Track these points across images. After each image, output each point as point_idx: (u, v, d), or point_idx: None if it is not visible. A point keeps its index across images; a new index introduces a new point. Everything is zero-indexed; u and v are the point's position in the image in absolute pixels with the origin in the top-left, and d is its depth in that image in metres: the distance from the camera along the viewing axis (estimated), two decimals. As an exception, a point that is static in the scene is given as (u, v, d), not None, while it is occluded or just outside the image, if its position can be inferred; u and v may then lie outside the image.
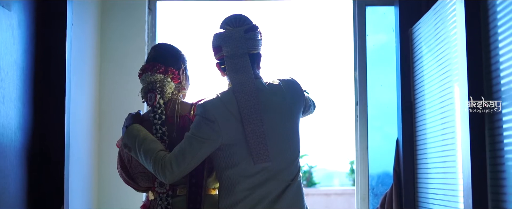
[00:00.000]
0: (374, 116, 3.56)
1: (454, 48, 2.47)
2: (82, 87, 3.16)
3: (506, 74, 2.07)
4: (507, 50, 2.06)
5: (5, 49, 2.17)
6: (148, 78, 2.25)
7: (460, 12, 2.33)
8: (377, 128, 3.57)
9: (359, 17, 3.54)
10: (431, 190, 2.90)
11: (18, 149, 2.31)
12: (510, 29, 2.03)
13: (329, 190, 8.20)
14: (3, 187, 2.16)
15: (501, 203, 2.10)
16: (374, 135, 3.55)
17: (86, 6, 3.26)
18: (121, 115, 2.61)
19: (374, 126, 3.56)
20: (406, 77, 3.24)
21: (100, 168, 3.45)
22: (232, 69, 2.13)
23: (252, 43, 2.15)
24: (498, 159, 2.13)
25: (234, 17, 2.19)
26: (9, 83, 2.22)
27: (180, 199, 2.22)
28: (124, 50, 3.52)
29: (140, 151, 2.12)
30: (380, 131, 3.58)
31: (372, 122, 3.55)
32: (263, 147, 2.07)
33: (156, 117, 2.22)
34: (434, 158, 2.84)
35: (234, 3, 3.78)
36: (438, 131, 2.75)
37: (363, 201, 3.48)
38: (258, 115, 2.07)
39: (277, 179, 2.10)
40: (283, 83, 2.22)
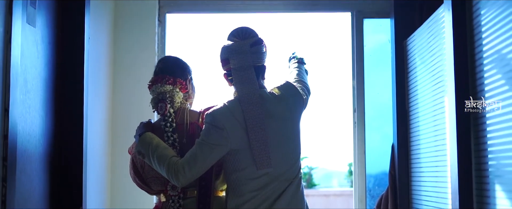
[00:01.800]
0: (371, 122, 3.64)
1: (445, 58, 2.59)
2: (97, 95, 3.24)
3: (490, 82, 2.20)
4: (491, 59, 2.19)
5: (31, 62, 2.30)
6: (158, 89, 2.32)
7: (448, 25, 2.45)
8: (374, 134, 3.65)
9: (357, 29, 3.63)
10: (424, 192, 3.00)
11: (42, 154, 2.42)
12: (494, 41, 2.16)
13: (328, 191, 8.24)
14: (30, 188, 2.28)
15: (485, 205, 2.23)
16: (371, 140, 3.64)
17: (101, 20, 3.35)
18: (133, 122, 2.69)
19: (371, 132, 3.64)
20: (401, 86, 3.33)
21: (113, 172, 3.50)
22: (238, 81, 2.20)
23: (258, 56, 2.22)
24: (482, 165, 2.27)
25: (241, 30, 2.25)
26: (34, 94, 2.34)
27: (191, 201, 2.29)
28: (135, 60, 3.58)
29: (153, 158, 2.19)
30: (377, 136, 3.66)
31: (369, 128, 3.63)
32: (265, 154, 2.14)
33: (167, 125, 2.29)
34: (427, 162, 2.95)
35: (238, 15, 3.86)
36: (431, 137, 2.87)
37: (360, 202, 3.57)
38: (262, 124, 2.14)
39: (279, 180, 2.17)
40: (283, 90, 2.28)
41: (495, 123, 2.16)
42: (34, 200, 2.35)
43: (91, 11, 2.89)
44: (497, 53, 2.14)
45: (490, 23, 2.18)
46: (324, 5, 3.70)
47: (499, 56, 2.12)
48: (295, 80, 2.45)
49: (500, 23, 2.10)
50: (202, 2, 3.71)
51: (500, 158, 2.13)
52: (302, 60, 2.61)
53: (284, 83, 2.32)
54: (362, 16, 3.65)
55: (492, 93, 2.18)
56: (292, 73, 2.55)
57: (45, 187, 2.46)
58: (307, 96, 2.37)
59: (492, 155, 2.18)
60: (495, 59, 2.16)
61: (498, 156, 2.15)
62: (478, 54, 2.29)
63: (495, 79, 2.15)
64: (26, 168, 2.23)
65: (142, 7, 3.60)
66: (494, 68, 2.16)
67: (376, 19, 3.67)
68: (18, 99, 2.06)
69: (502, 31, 2.09)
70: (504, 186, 2.10)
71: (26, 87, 2.22)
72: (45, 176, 2.46)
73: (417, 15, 3.29)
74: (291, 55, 2.67)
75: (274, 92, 2.26)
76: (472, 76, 2.35)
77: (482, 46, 2.25)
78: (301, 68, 2.58)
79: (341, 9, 3.70)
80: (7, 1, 1.99)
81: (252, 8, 3.72)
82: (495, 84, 2.15)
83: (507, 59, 2.06)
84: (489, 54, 2.20)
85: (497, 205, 2.14)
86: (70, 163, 2.66)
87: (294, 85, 2.33)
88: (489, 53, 2.20)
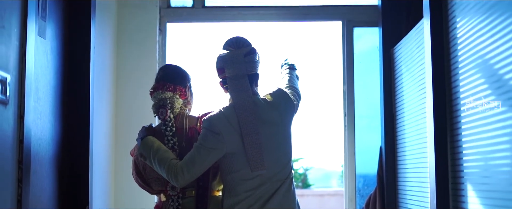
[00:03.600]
0: (360, 126, 3.73)
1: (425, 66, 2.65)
2: (102, 101, 3.30)
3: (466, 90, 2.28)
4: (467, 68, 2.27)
5: (42, 72, 2.40)
6: (159, 96, 2.38)
7: (427, 35, 2.54)
8: (364, 136, 3.74)
9: (348, 37, 3.73)
10: (409, 191, 3.11)
11: (51, 157, 2.53)
12: (469, 51, 2.24)
13: (323, 191, 8.21)
14: (41, 188, 2.39)
15: (460, 203, 2.34)
16: (361, 142, 3.72)
17: (105, 29, 3.41)
18: (135, 125, 2.76)
19: (361, 135, 3.72)
20: (389, 91, 3.43)
21: (116, 173, 3.54)
22: (233, 89, 2.28)
23: (251, 65, 2.29)
24: (457, 167, 2.37)
25: (235, 40, 2.31)
26: (45, 101, 2.44)
27: (189, 200, 2.35)
28: (137, 68, 3.63)
29: (154, 160, 2.26)
30: (366, 139, 3.74)
31: (359, 131, 3.72)
32: (259, 157, 2.22)
33: (167, 129, 2.36)
34: (411, 163, 3.05)
35: (234, 24, 3.96)
36: (414, 140, 2.97)
37: (350, 202, 3.67)
38: (255, 129, 2.22)
39: (271, 181, 2.25)
40: (275, 97, 2.36)
41: (469, 128, 2.25)
42: (45, 200, 2.45)
43: (96, 21, 2.96)
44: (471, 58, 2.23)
45: (465, 36, 2.28)
46: (316, 14, 3.80)
47: (474, 62, 2.21)
48: (286, 86, 2.52)
49: (474, 35, 2.20)
50: (200, 12, 3.80)
51: (473, 160, 2.23)
52: (293, 66, 2.68)
53: (276, 90, 2.40)
54: (352, 24, 3.74)
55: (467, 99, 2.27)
56: (284, 79, 2.62)
57: (54, 187, 2.55)
58: (297, 102, 2.44)
59: (467, 157, 2.28)
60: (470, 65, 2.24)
61: (471, 158, 2.25)
62: (454, 60, 2.39)
63: (471, 87, 2.23)
64: (38, 170, 2.33)
65: (144, 17, 3.66)
66: (470, 75, 2.25)
67: (366, 27, 3.76)
68: (31, 106, 2.17)
69: (475, 43, 2.19)
70: (475, 186, 2.21)
71: (37, 94, 2.32)
72: (55, 177, 2.56)
73: (404, 24, 3.39)
74: (283, 61, 2.74)
75: (267, 99, 2.34)
76: (448, 82, 2.45)
77: (458, 56, 2.36)
78: (293, 74, 2.65)
79: (333, 18, 3.80)
80: (22, 16, 2.09)
81: (248, 18, 3.82)
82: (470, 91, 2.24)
83: (481, 66, 2.16)
84: (465, 62, 2.29)
85: (469, 204, 2.24)
86: (77, 165, 2.72)
87: (286, 92, 2.41)
88: (464, 62, 2.29)
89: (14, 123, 2.02)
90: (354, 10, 3.77)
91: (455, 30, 2.39)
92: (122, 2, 3.66)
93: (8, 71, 1.97)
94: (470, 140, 2.26)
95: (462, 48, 2.32)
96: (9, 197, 1.98)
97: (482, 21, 2.13)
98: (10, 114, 1.99)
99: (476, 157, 2.21)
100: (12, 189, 2.00)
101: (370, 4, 3.76)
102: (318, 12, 3.81)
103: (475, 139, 2.21)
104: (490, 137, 2.08)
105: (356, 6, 3.80)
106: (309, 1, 3.85)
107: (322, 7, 3.82)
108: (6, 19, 1.97)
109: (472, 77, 2.23)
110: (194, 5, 3.82)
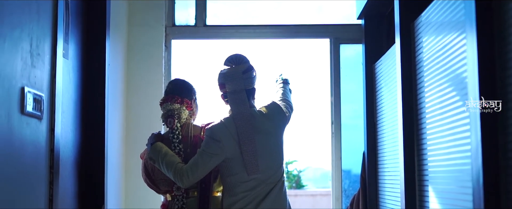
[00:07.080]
0: (346, 133, 3.87)
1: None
2: (114, 112, 3.42)
3: (430, 100, 2.42)
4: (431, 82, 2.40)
5: (65, 89, 2.57)
6: (168, 107, 2.52)
7: (398, 55, 2.72)
8: (349, 143, 3.87)
9: (335, 53, 3.90)
10: (387, 192, 3.27)
11: (72, 162, 2.69)
12: (433, 67, 2.33)
13: (315, 191, 8.26)
14: (65, 189, 2.55)
15: (424, 203, 2.51)
16: (346, 148, 3.86)
17: (117, 47, 3.54)
18: (144, 133, 2.92)
19: (346, 141, 3.87)
20: (371, 102, 3.56)
21: (127, 174, 3.65)
22: (232, 102, 2.45)
23: (248, 81, 2.45)
24: (422, 171, 2.52)
25: (235, 57, 2.47)
26: (68, 114, 2.64)
27: (192, 200, 2.49)
28: (146, 81, 3.74)
29: (162, 163, 2.41)
30: (351, 145, 3.86)
31: (345, 138, 3.86)
32: (254, 162, 2.38)
33: (174, 137, 2.50)
34: (389, 167, 3.21)
35: (232, 41, 4.09)
36: (391, 146, 3.13)
37: (337, 201, 3.84)
38: (252, 137, 2.38)
39: (265, 183, 2.40)
40: (270, 109, 2.50)
41: (433, 138, 2.36)
42: (68, 200, 2.63)
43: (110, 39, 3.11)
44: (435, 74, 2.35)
45: (429, 54, 2.44)
46: (306, 32, 3.97)
47: (437, 77, 2.32)
48: (280, 99, 2.71)
49: (436, 54, 2.35)
50: (202, 30, 3.93)
51: (435, 166, 2.36)
52: (287, 80, 2.86)
53: (271, 103, 2.59)
54: (339, 42, 3.91)
55: (432, 113, 2.41)
56: (278, 92, 2.80)
57: (75, 188, 2.71)
58: (289, 113, 2.62)
59: (431, 163, 2.41)
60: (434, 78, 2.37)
61: (434, 165, 2.36)
62: (420, 75, 2.54)
63: (435, 103, 2.37)
64: (62, 173, 2.48)
65: (151, 35, 3.78)
66: (433, 87, 2.35)
67: (351, 44, 3.92)
68: (59, 119, 2.37)
69: (436, 61, 2.34)
70: (436, 186, 2.37)
71: (61, 108, 2.50)
72: (75, 179, 2.70)
73: (385, 42, 3.55)
74: (278, 76, 2.91)
75: (262, 111, 2.52)
76: (414, 94, 2.58)
77: (423, 71, 2.50)
78: (286, 88, 2.83)
79: (321, 36, 3.98)
80: (53, 42, 2.29)
81: (245, 35, 3.97)
82: (434, 106, 2.38)
83: (441, 81, 2.29)
84: (429, 76, 2.41)
85: (430, 203, 2.41)
86: (94, 168, 2.86)
87: (279, 104, 2.59)
88: (429, 77, 2.43)
89: (47, 135, 2.22)
90: (340, 29, 3.93)
91: (421, 49, 2.56)
92: (132, 21, 3.78)
93: (43, 91, 2.18)
94: (434, 149, 2.36)
95: (427, 65, 2.46)
96: (43, 198, 2.16)
97: (441, 39, 2.27)
98: (44, 127, 2.20)
99: (437, 163, 2.32)
100: (45, 190, 2.17)
101: (355, 24, 3.88)
102: (308, 30, 3.98)
103: (438, 148, 2.31)
104: (451, 146, 2.15)
105: (342, 25, 3.96)
106: (300, 21, 4.04)
107: (311, 25, 4.00)
108: (41, 47, 2.19)
109: (435, 89, 2.31)
110: (196, 24, 3.95)
